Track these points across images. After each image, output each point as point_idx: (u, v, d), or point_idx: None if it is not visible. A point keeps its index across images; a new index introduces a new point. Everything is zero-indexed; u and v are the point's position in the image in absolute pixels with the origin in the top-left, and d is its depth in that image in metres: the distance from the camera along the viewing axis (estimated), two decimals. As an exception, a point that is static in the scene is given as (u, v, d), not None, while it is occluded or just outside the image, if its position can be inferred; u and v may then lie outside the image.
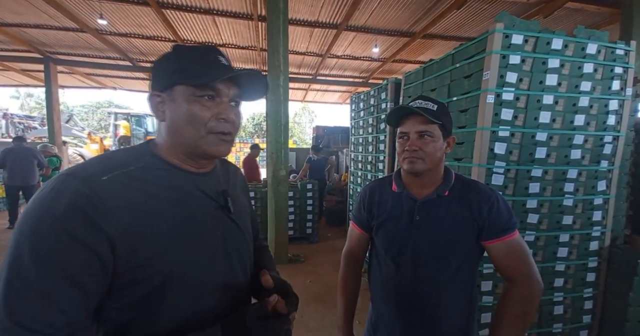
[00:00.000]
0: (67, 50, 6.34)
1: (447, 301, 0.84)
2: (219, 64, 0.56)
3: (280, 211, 3.46)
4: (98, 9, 4.41)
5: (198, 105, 0.53)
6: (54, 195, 0.43)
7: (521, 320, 0.77)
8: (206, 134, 0.54)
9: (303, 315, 2.42)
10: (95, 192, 0.45)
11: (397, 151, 0.87)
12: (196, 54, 0.55)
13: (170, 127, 0.55)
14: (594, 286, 1.86)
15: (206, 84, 0.53)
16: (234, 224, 0.63)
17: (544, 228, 1.73)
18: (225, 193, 0.61)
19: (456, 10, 4.20)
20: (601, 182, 1.79)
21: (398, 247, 0.87)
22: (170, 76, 0.54)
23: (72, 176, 0.46)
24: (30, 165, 4.73)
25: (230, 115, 0.56)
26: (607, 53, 1.72)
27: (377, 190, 0.95)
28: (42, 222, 0.41)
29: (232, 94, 0.57)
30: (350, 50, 6.21)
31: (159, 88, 0.55)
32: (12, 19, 4.85)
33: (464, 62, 1.80)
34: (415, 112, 0.81)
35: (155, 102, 0.56)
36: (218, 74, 0.53)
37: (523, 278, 0.78)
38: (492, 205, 0.81)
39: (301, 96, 10.83)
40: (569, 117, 1.70)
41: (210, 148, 0.55)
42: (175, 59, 0.55)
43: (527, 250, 0.82)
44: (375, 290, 0.95)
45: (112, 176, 0.48)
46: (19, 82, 8.98)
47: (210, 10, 4.55)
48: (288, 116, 3.46)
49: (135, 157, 0.54)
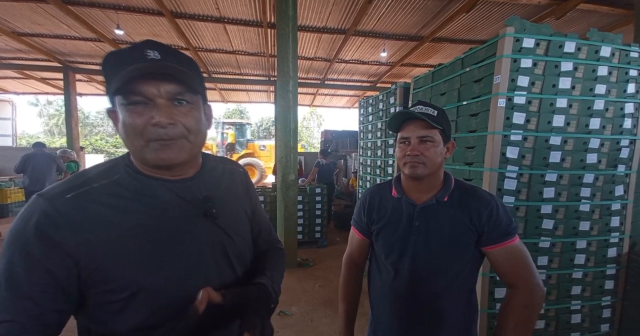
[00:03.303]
0: (85, 59, 6.60)
1: (446, 306, 0.83)
2: (143, 59, 0.49)
3: (289, 215, 3.48)
4: (115, 20, 4.59)
5: (128, 113, 0.49)
6: (24, 215, 0.47)
7: (523, 327, 0.76)
8: (146, 143, 0.50)
9: (313, 319, 2.41)
10: (57, 210, 0.47)
11: (398, 156, 0.87)
12: (120, 57, 0.49)
13: (122, 140, 0.52)
14: (612, 294, 1.80)
15: (122, 89, 0.47)
16: (220, 230, 0.60)
17: (559, 234, 1.69)
18: (207, 199, 0.58)
19: (465, 13, 4.18)
20: (618, 186, 1.75)
21: (397, 253, 0.86)
22: (108, 89, 0.50)
23: (41, 196, 0.48)
24: (50, 171, 4.90)
25: (161, 119, 0.48)
26: (621, 55, 1.69)
27: (377, 195, 0.96)
28: (12, 242, 0.46)
29: (165, 92, 0.49)
30: (358, 55, 6.25)
31: (111, 103, 0.52)
32: (33, 29, 5.09)
33: (474, 67, 1.80)
34: (417, 117, 0.82)
35: (114, 119, 0.53)
36: (132, 73, 0.46)
37: (525, 284, 0.78)
38: (492, 210, 0.81)
39: (309, 100, 10.91)
40: (584, 121, 1.67)
41: (151, 156, 0.51)
42: (104, 69, 0.50)
43: (528, 255, 0.81)
44: (375, 294, 0.95)
45: (76, 193, 0.49)
46: (38, 90, 9.37)
47: (221, 18, 4.68)
48: (297, 121, 3.50)
49: (111, 170, 0.54)
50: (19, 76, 7.59)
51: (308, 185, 4.67)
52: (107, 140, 24.26)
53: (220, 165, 0.68)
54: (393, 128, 0.88)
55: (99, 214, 0.49)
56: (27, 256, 0.45)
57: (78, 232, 0.47)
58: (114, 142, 23.57)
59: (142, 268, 0.50)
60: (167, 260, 0.53)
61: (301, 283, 3.13)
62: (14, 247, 0.46)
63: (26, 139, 19.47)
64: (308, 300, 2.76)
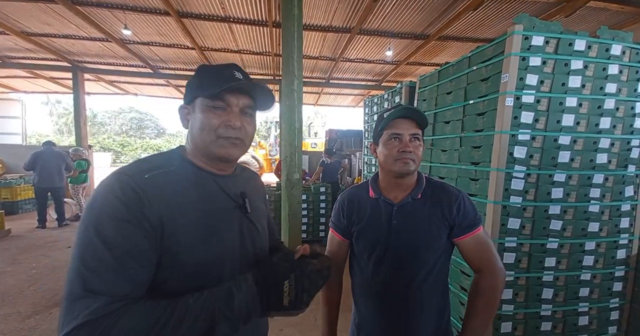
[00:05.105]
0: (94, 59, 6.68)
1: (425, 297, 0.88)
2: (232, 78, 0.63)
3: (293, 214, 3.48)
4: (123, 20, 4.64)
5: (209, 114, 0.62)
6: (109, 189, 0.54)
7: (490, 307, 0.84)
8: (216, 138, 0.62)
9: (317, 318, 2.42)
10: (140, 186, 0.55)
11: (386, 153, 0.87)
12: (213, 71, 0.64)
13: (191, 133, 0.64)
14: (620, 296, 1.77)
15: (215, 95, 0.61)
16: (250, 222, 0.70)
17: (568, 235, 1.67)
18: (243, 195, 0.69)
19: (472, 11, 4.13)
20: (629, 187, 1.72)
21: (378, 252, 0.90)
22: (193, 91, 0.64)
23: (123, 174, 0.56)
24: (59, 168, 4.99)
25: (236, 122, 0.62)
26: (632, 54, 1.66)
27: (356, 197, 0.98)
28: (103, 212, 0.52)
29: (241, 104, 0.64)
30: (364, 54, 6.21)
31: (186, 101, 0.66)
32: (42, 29, 5.16)
33: (481, 65, 1.78)
34: (409, 116, 0.85)
35: (184, 113, 0.67)
36: (224, 86, 0.60)
37: (490, 267, 0.85)
38: (460, 204, 0.87)
39: (314, 100, 10.90)
40: (594, 120, 1.64)
41: (219, 150, 0.63)
42: (196, 77, 0.65)
43: (491, 242, 0.89)
44: (357, 291, 0.98)
45: (152, 174, 0.58)
46: (48, 89, 9.51)
47: (227, 18, 4.69)
48: (302, 120, 3.50)
49: (169, 161, 0.63)
50: (28, 75, 7.71)
51: (312, 184, 4.67)
52: (115, 139, 24.54)
53: (246, 170, 0.81)
54: (385, 123, 0.88)
55: (170, 194, 0.58)
56: (121, 221, 0.51)
57: (157, 207, 0.55)
58: (120, 141, 23.85)
59: (196, 246, 0.58)
60: (213, 243, 0.61)
61: (305, 281, 3.14)
62: (104, 215, 0.51)
63: (36, 138, 19.79)
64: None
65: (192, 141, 0.65)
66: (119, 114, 30.15)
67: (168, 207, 0.56)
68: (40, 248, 4.05)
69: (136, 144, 24.04)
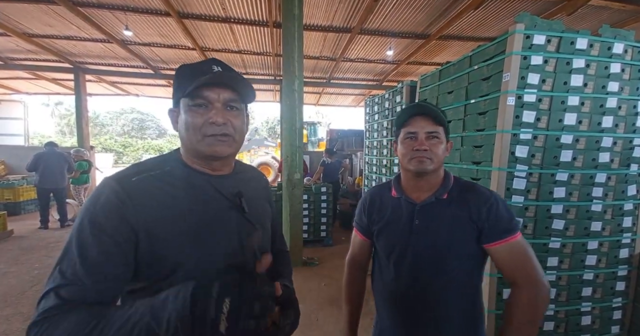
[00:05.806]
0: (95, 60, 6.70)
1: (448, 305, 0.82)
2: (209, 72, 0.61)
3: (295, 214, 3.49)
4: (124, 21, 4.65)
5: (191, 113, 0.61)
6: (96, 193, 0.56)
7: (528, 325, 0.74)
8: (202, 138, 0.61)
9: (318, 318, 2.42)
10: (125, 189, 0.56)
11: (402, 152, 0.85)
12: (191, 68, 0.63)
13: (180, 135, 0.64)
14: (623, 295, 1.76)
15: (193, 93, 0.59)
16: (248, 222, 0.68)
17: (570, 235, 1.66)
18: (239, 195, 0.67)
19: (473, 10, 4.12)
20: (631, 186, 1.71)
21: (398, 252, 0.86)
22: (176, 93, 0.64)
23: (111, 178, 0.58)
24: (61, 169, 5.01)
25: (218, 119, 0.60)
26: (634, 52, 1.65)
27: (378, 195, 0.96)
28: (85, 216, 0.54)
29: (222, 99, 0.62)
30: (364, 53, 6.21)
31: (173, 104, 0.67)
32: (43, 30, 5.18)
33: (483, 64, 1.77)
34: (426, 113, 0.82)
35: (174, 116, 0.66)
36: (200, 81, 0.58)
37: (529, 281, 0.75)
38: (491, 206, 0.80)
39: (315, 100, 10.90)
40: (596, 119, 1.64)
41: (207, 149, 0.62)
42: (176, 77, 0.64)
43: (531, 252, 0.79)
44: (378, 294, 0.95)
45: (139, 177, 0.58)
46: (49, 91, 9.55)
47: (228, 18, 4.70)
48: (303, 120, 3.50)
49: (164, 163, 0.64)
50: (30, 77, 7.74)
51: (313, 184, 4.67)
52: (116, 139, 24.60)
53: (249, 171, 0.79)
54: (400, 121, 0.87)
55: (158, 197, 0.58)
56: (97, 228, 0.53)
57: (141, 210, 0.55)
58: (122, 142, 23.90)
59: (185, 248, 0.58)
60: (205, 243, 0.61)
61: (307, 282, 3.14)
62: (87, 220, 0.53)
63: (38, 139, 19.86)
64: (313, 298, 2.77)
65: (183, 143, 0.65)
66: (121, 115, 30.24)
67: (154, 208, 0.56)
68: (42, 248, 4.06)
69: (138, 145, 24.08)
